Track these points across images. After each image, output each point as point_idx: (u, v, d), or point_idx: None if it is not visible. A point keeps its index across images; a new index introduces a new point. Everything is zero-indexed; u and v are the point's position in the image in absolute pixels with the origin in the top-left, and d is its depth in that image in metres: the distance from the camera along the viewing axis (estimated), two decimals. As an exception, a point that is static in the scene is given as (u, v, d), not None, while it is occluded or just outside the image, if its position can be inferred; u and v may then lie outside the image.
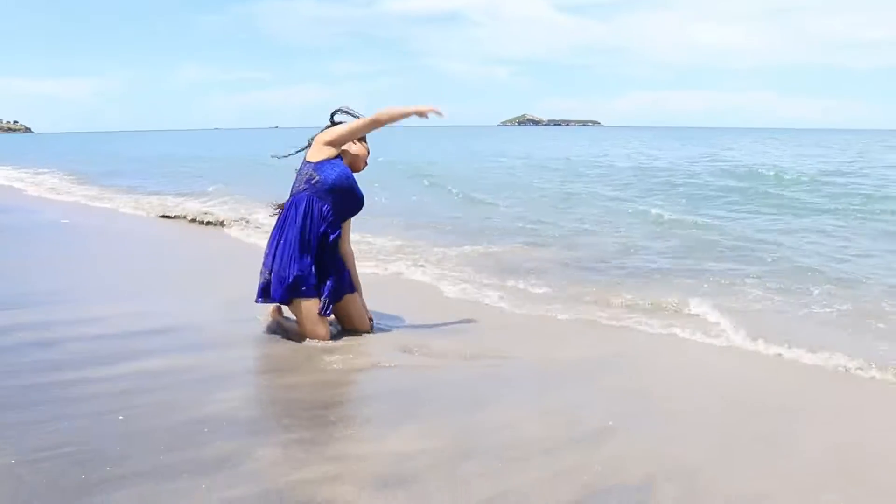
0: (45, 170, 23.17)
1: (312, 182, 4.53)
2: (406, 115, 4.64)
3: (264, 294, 4.57)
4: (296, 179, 4.67)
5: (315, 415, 3.34)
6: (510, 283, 6.32)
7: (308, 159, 4.62)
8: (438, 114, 4.62)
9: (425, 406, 3.50)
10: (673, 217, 10.91)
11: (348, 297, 4.72)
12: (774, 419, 3.44)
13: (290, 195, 4.64)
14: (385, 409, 3.43)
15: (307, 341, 4.42)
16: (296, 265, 4.46)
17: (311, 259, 4.50)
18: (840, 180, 17.31)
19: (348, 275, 4.75)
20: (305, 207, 4.51)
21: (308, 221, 4.51)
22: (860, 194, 14.29)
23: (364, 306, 4.80)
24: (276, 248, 4.52)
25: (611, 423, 3.29)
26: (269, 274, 4.51)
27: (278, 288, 4.46)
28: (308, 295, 4.47)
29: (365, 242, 8.07)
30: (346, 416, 3.37)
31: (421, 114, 4.62)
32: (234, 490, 2.53)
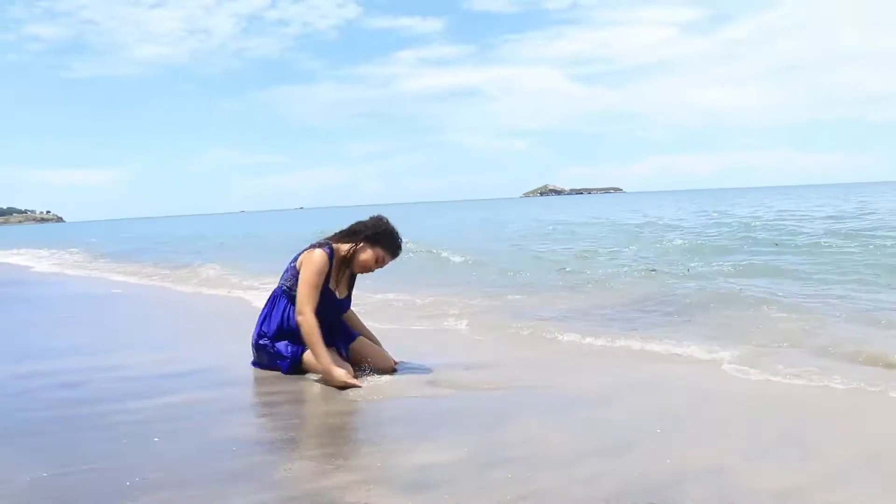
0: (60, 250, 24.48)
1: (292, 293, 4.60)
2: (321, 370, 4.33)
3: (258, 364, 4.74)
4: (287, 267, 4.72)
5: (341, 435, 3.37)
6: (532, 326, 6.35)
7: (297, 263, 4.62)
8: (356, 386, 4.24)
9: (450, 425, 3.52)
10: (680, 269, 10.99)
11: (358, 339, 4.79)
12: (798, 430, 3.42)
13: (280, 280, 4.74)
14: (410, 430, 3.44)
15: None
16: (289, 346, 4.57)
17: (295, 338, 4.58)
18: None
19: (344, 325, 4.81)
20: (283, 310, 4.62)
21: (285, 320, 4.60)
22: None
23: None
24: (262, 326, 4.68)
25: (636, 435, 3.30)
26: (258, 344, 4.66)
27: (281, 365, 4.58)
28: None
29: (393, 301, 8.27)
30: (372, 436, 3.38)
31: (328, 377, 4.28)
32: (262, 494, 2.56)
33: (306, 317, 4.38)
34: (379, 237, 4.66)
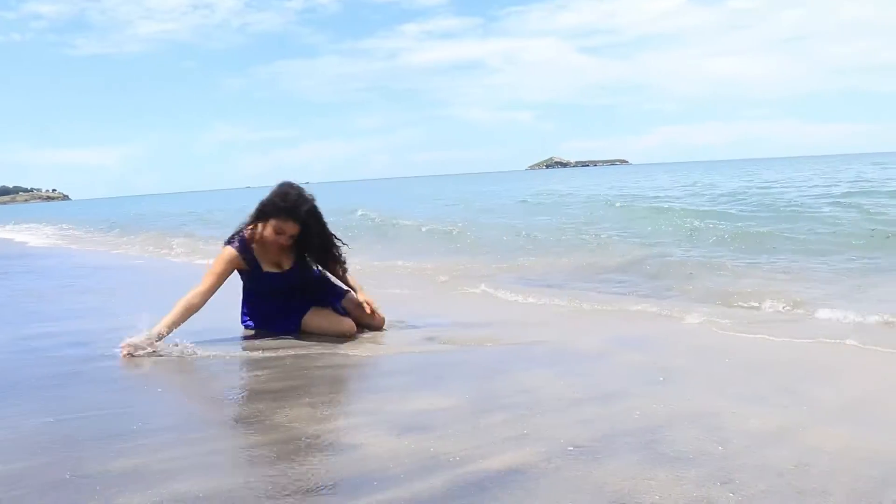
0: (56, 226, 24.43)
1: (242, 278, 4.71)
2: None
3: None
4: None
5: (340, 385, 3.42)
6: (533, 286, 6.47)
7: None
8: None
9: (447, 377, 3.57)
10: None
11: (348, 296, 4.83)
12: (789, 381, 3.44)
13: None
14: (408, 380, 3.49)
15: (336, 339, 4.47)
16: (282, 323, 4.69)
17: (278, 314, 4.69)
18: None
19: (330, 285, 4.87)
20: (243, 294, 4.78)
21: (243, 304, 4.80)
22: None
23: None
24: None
25: (630, 385, 3.34)
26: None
27: (284, 325, 4.66)
28: (312, 306, 4.67)
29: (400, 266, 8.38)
30: (370, 386, 3.43)
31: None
32: (260, 436, 2.61)
33: (190, 291, 4.35)
34: (266, 209, 4.51)
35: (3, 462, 2.39)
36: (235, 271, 4.60)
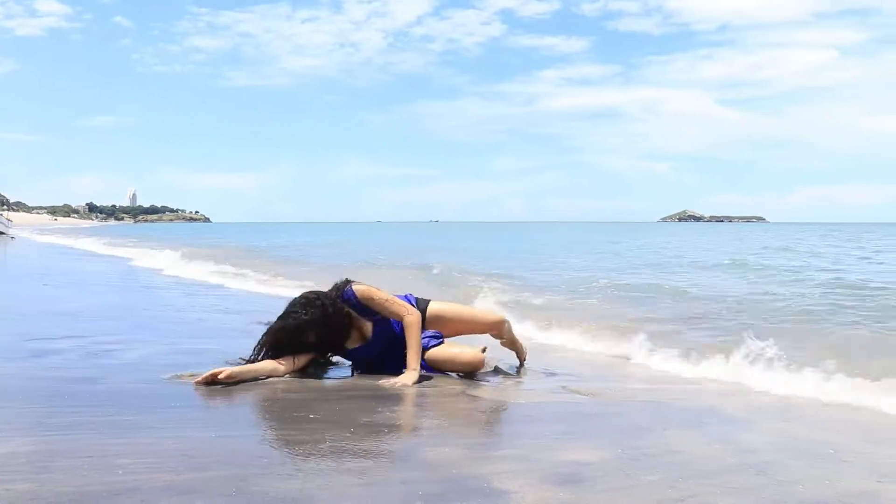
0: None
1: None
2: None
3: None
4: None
5: (487, 427, 3.31)
6: (666, 343, 6.21)
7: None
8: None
9: (593, 429, 3.43)
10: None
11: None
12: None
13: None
14: (555, 429, 3.34)
15: (474, 379, 4.48)
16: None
17: None
18: None
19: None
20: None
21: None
22: None
23: None
24: None
25: (783, 456, 3.10)
26: None
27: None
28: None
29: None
30: (518, 431, 3.27)
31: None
32: (412, 473, 2.55)
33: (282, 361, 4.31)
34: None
35: (173, 471, 2.40)
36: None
